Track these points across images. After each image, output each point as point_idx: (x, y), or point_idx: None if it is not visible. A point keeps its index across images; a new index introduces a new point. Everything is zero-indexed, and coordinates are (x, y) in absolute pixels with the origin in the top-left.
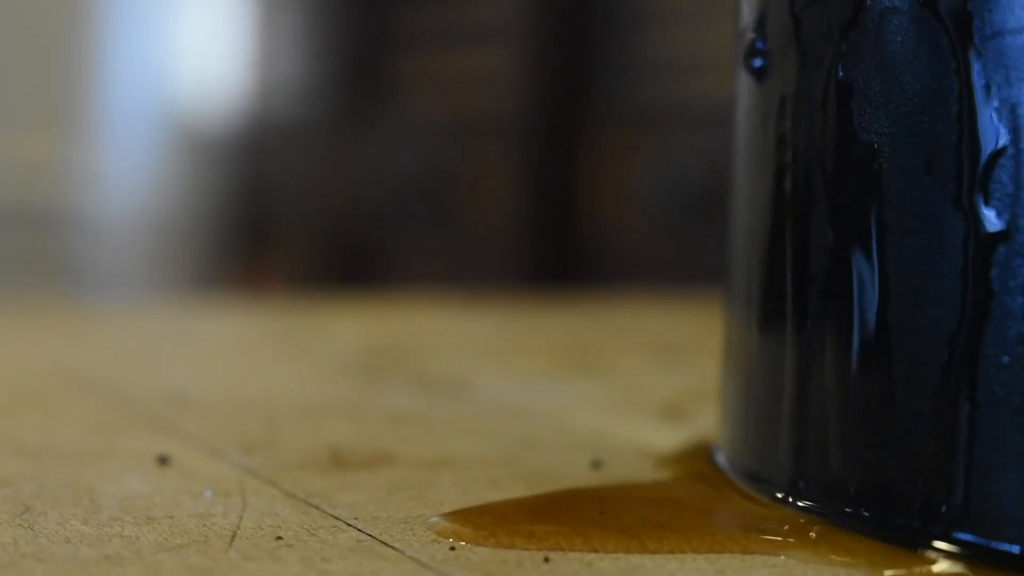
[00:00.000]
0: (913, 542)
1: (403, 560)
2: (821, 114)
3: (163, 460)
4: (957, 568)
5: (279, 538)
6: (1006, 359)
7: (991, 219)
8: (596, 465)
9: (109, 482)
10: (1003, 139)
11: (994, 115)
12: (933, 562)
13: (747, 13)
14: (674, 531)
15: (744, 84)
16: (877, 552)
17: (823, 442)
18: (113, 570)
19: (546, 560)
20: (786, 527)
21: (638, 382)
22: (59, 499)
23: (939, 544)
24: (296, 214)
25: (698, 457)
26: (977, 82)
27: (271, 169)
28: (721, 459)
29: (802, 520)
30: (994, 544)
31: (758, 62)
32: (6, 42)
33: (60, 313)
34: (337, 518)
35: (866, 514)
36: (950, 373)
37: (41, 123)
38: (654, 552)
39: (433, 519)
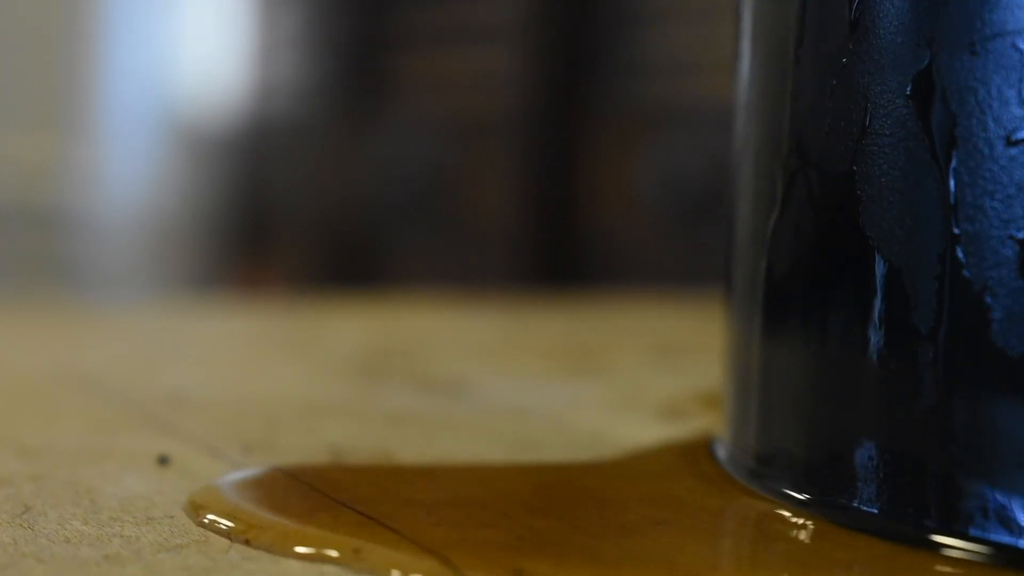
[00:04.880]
0: (919, 540)
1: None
2: (823, 112)
3: (163, 460)
4: (965, 569)
5: None
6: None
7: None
8: None
9: (109, 482)
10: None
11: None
12: (938, 560)
13: None
14: (674, 527)
15: (744, 83)
16: (879, 548)
17: (826, 437)
18: (113, 570)
19: (545, 542)
20: (789, 523)
21: (638, 382)
22: (59, 499)
23: (947, 542)
24: (296, 214)
25: (699, 454)
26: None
27: (271, 169)
28: (722, 455)
29: (805, 515)
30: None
31: None
32: (6, 42)
33: (60, 313)
34: None
35: (872, 511)
36: (951, 371)
37: (41, 123)
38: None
39: None
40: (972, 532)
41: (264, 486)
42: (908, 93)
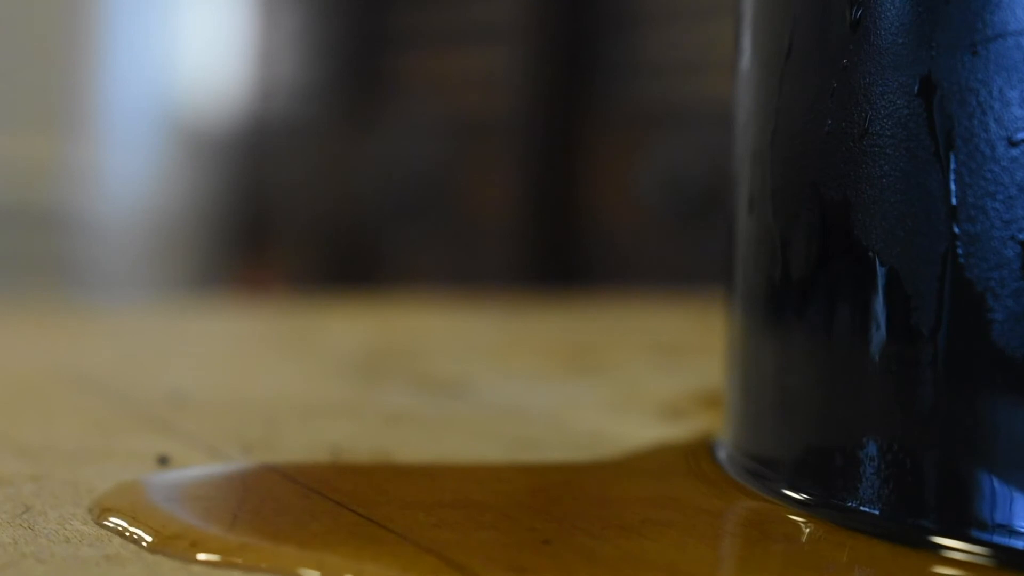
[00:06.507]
0: (919, 541)
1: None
2: (822, 111)
3: (163, 460)
4: (967, 571)
5: None
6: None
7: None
8: None
9: (109, 482)
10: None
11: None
12: (938, 562)
13: None
14: (674, 527)
15: (744, 83)
16: (879, 550)
17: (827, 437)
18: (113, 570)
19: (546, 542)
20: (789, 524)
21: (638, 382)
22: (59, 499)
23: (947, 544)
24: (296, 214)
25: (699, 454)
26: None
27: (271, 169)
28: (722, 456)
29: (805, 516)
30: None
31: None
32: (6, 42)
33: (60, 313)
34: None
35: (872, 512)
36: (952, 372)
37: (41, 123)
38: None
39: None
40: (972, 533)
41: (261, 487)
42: (909, 94)
